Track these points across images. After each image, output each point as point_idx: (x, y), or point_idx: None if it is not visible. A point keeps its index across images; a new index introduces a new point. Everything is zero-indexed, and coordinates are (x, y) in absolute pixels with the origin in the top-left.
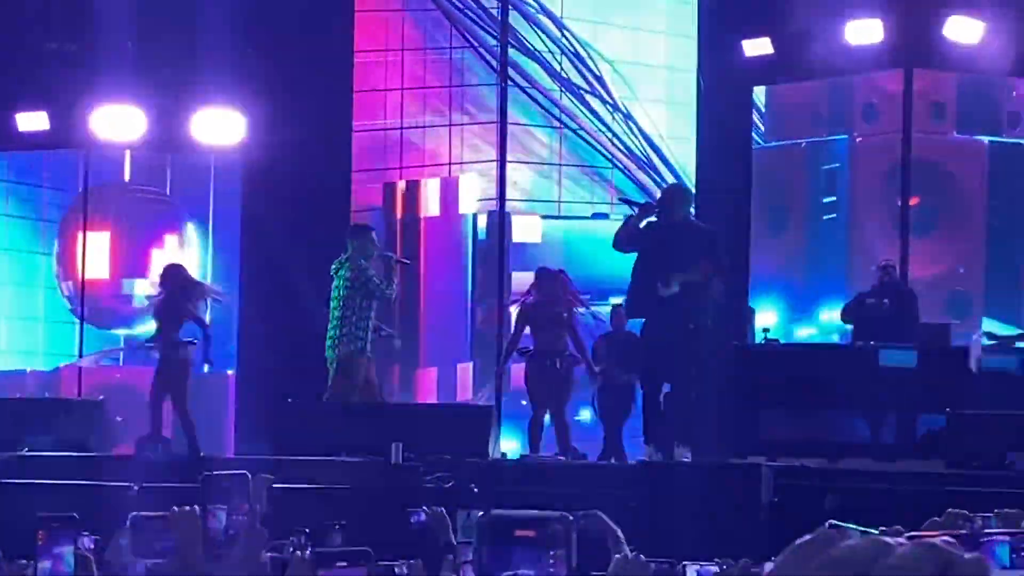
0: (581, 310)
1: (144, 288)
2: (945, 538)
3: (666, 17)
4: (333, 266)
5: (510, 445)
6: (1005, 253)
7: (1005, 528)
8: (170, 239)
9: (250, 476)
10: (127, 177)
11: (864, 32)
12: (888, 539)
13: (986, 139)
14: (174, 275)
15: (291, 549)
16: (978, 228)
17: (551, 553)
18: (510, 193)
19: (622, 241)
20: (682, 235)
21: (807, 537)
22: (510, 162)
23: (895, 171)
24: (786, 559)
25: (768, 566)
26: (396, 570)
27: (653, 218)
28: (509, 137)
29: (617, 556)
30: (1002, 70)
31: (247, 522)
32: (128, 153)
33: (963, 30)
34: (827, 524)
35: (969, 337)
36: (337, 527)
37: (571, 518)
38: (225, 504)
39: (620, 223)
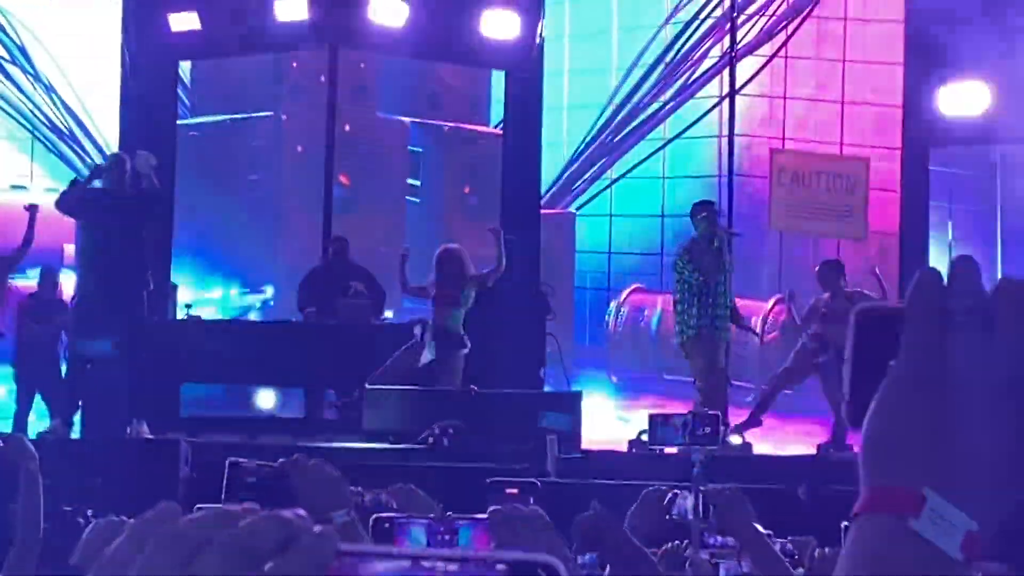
0: None
1: None
2: (299, 512)
3: None
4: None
5: None
6: (425, 232)
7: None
8: None
9: None
10: None
11: (291, 9)
12: (235, 508)
13: (408, 119)
14: None
15: None
16: (401, 206)
17: None
18: None
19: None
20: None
21: (147, 513)
22: None
23: (321, 149)
24: (128, 536)
25: None
26: None
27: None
28: None
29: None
30: (424, 54)
31: None
32: None
33: (387, 13)
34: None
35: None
36: None
37: None
38: None
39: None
